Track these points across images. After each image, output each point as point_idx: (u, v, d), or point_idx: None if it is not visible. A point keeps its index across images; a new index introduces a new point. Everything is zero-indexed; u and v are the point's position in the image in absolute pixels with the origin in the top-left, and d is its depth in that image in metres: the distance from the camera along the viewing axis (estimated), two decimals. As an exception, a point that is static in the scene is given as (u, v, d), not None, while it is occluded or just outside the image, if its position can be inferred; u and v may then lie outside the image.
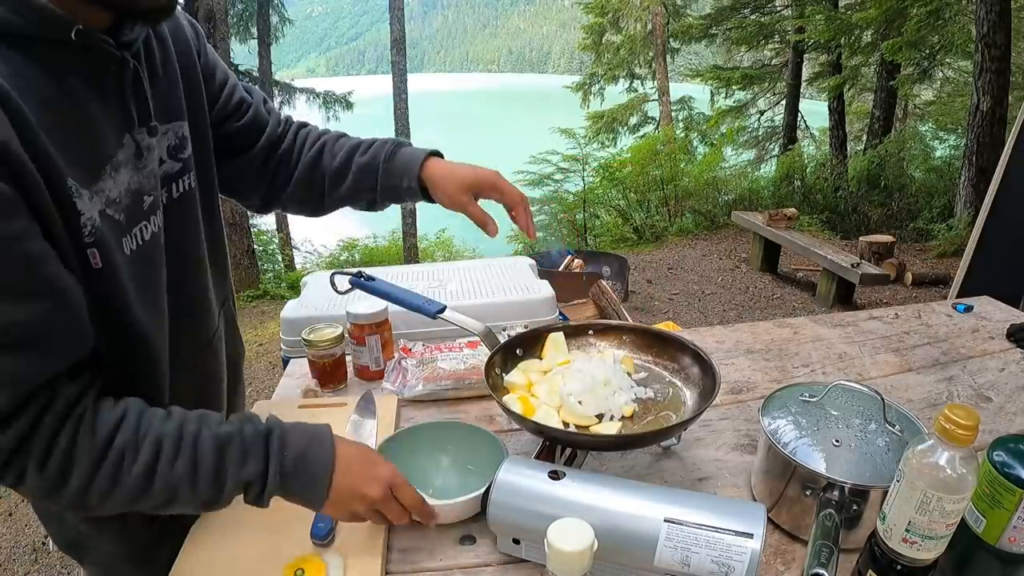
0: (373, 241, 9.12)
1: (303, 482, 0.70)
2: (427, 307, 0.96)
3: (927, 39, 7.43)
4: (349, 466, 0.72)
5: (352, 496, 0.72)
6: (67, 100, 0.61)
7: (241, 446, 0.67)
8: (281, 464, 0.68)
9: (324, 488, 0.70)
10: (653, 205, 8.47)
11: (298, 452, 0.70)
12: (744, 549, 0.64)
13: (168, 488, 0.64)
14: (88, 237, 0.62)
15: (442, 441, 0.94)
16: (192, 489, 0.65)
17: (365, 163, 0.97)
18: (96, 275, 0.64)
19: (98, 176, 0.65)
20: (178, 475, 0.64)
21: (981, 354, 1.30)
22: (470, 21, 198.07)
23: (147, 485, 0.63)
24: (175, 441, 0.65)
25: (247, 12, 9.82)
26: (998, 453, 0.64)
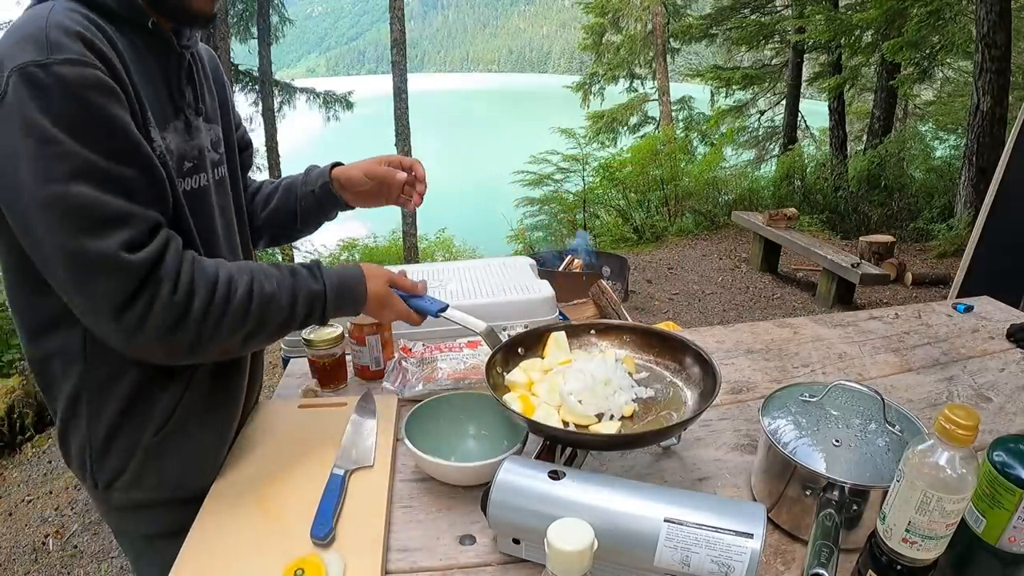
0: (373, 241, 9.11)
1: (348, 294, 0.91)
2: (430, 306, 0.99)
3: (927, 39, 7.43)
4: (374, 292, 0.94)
5: (380, 316, 0.98)
6: (143, 69, 0.79)
7: (305, 271, 0.88)
8: (331, 282, 0.90)
9: (361, 302, 0.93)
10: (653, 205, 8.47)
11: (339, 274, 0.92)
12: (744, 549, 0.64)
13: (263, 304, 0.81)
14: (159, 158, 0.78)
15: (467, 411, 1.02)
16: (278, 304, 0.83)
17: (289, 181, 1.16)
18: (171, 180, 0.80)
19: (163, 127, 0.82)
20: (268, 293, 0.82)
21: (981, 354, 1.30)
22: (470, 21, 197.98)
23: (248, 301, 0.79)
24: (262, 270, 0.84)
25: (247, 12, 9.82)
26: (998, 453, 0.64)
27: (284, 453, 0.97)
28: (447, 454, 0.94)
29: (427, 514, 0.87)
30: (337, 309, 0.90)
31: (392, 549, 0.81)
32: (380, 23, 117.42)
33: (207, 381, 0.91)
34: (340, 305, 0.91)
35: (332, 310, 0.90)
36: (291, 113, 10.72)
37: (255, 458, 0.96)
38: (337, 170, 1.12)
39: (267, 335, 0.84)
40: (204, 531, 0.82)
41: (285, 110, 10.53)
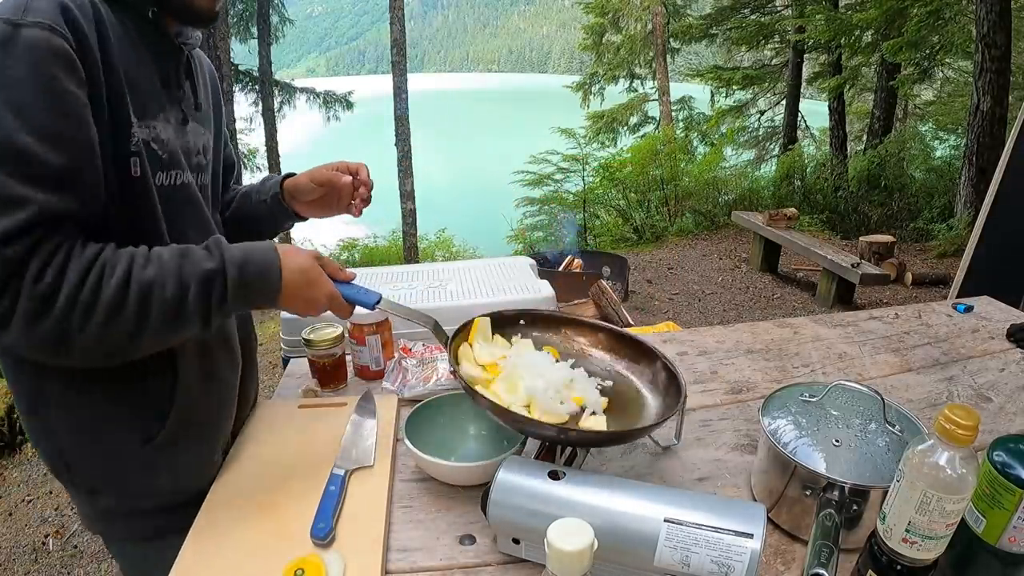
0: (373, 241, 9.11)
1: (256, 271, 0.77)
2: (363, 296, 0.87)
3: (927, 39, 7.43)
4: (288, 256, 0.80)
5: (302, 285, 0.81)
6: (136, 54, 0.77)
7: (199, 249, 0.76)
8: (232, 256, 0.76)
9: (277, 274, 0.78)
10: (653, 205, 8.47)
11: (244, 250, 0.78)
12: (744, 549, 0.64)
13: (141, 292, 0.69)
14: (134, 147, 0.75)
15: (467, 411, 1.01)
16: (162, 290, 0.70)
17: (247, 190, 1.12)
18: (131, 184, 0.76)
19: (152, 116, 0.79)
20: (149, 277, 0.70)
21: (981, 354, 1.30)
22: (470, 21, 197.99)
23: (124, 290, 0.69)
24: (145, 254, 0.72)
25: (247, 12, 9.82)
26: (998, 453, 0.64)
27: (284, 453, 0.97)
28: (447, 454, 0.94)
29: (427, 514, 0.87)
30: (243, 290, 0.75)
31: (392, 549, 0.81)
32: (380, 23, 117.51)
33: (197, 386, 0.88)
34: (247, 285, 0.76)
35: (237, 292, 0.75)
36: (291, 113, 10.72)
37: (255, 458, 0.96)
38: (288, 180, 1.07)
39: (159, 329, 0.71)
40: (204, 531, 0.82)
41: (285, 110, 10.53)
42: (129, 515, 0.89)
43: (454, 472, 0.89)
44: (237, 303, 0.76)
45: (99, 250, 0.70)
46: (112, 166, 0.73)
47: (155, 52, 0.81)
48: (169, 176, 0.82)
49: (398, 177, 7.21)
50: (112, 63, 0.72)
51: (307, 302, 0.82)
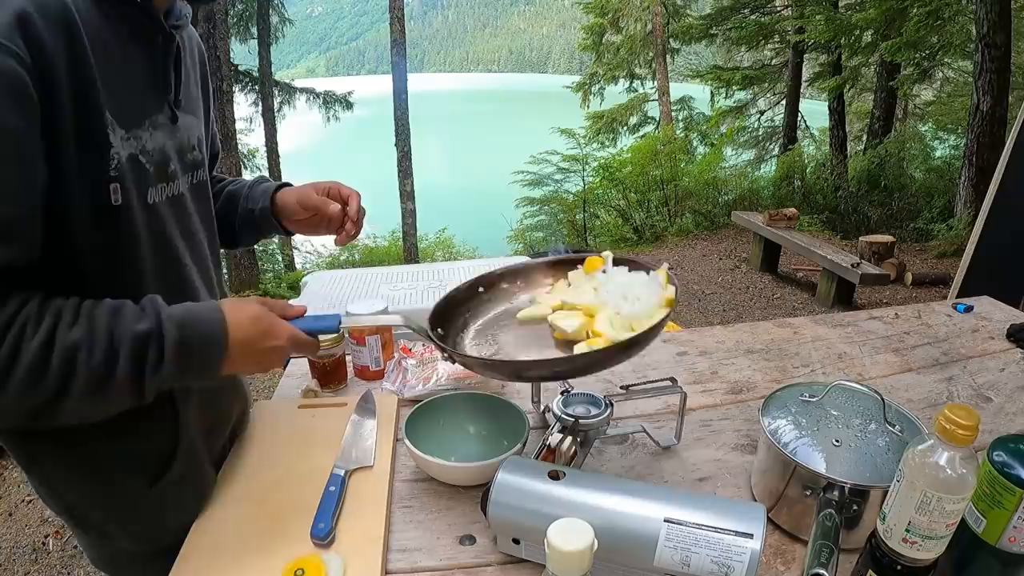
0: (373, 241, 9.12)
1: (199, 331, 0.67)
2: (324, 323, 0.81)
3: (926, 39, 7.43)
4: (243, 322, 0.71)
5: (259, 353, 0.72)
6: (121, 52, 0.68)
7: (133, 307, 0.66)
8: (171, 315, 0.66)
9: (222, 340, 0.68)
10: (653, 205, 8.48)
11: (184, 308, 0.69)
12: (744, 549, 0.64)
13: (66, 356, 0.60)
14: (113, 171, 0.66)
15: (467, 411, 1.01)
16: (89, 354, 0.61)
17: (233, 190, 1.05)
18: (111, 212, 0.67)
19: (138, 124, 0.71)
20: (75, 339, 0.61)
21: (981, 354, 1.30)
22: (470, 21, 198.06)
23: (47, 354, 0.60)
24: (73, 310, 0.63)
25: (247, 12, 9.82)
26: (998, 453, 0.64)
27: (284, 453, 0.97)
28: (447, 454, 0.94)
29: (427, 514, 0.87)
30: (185, 353, 0.65)
31: (392, 549, 0.81)
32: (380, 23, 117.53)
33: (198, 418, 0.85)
34: (188, 346, 0.66)
35: (178, 356, 0.65)
36: (291, 113, 10.73)
37: (255, 458, 0.96)
38: (279, 194, 1.01)
39: (85, 395, 0.62)
40: (204, 531, 0.82)
41: (285, 110, 10.53)
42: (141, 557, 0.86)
43: (454, 472, 0.89)
44: (176, 369, 0.65)
45: (20, 305, 0.60)
46: (85, 195, 0.64)
47: (143, 45, 0.72)
48: (161, 191, 0.75)
49: (398, 177, 7.22)
50: (87, 75, 0.62)
51: (266, 353, 0.73)
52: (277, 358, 0.75)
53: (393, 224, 8.45)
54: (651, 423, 1.04)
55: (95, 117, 0.64)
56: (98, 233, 0.66)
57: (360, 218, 0.99)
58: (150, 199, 0.72)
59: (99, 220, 0.66)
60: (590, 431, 0.89)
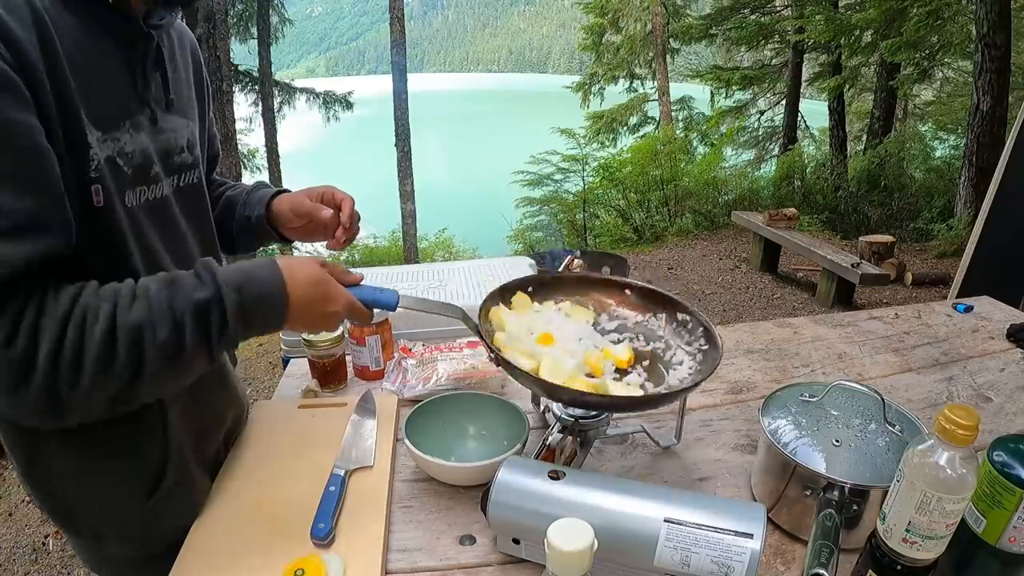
0: (373, 241, 9.12)
1: (257, 293, 0.67)
2: (383, 296, 0.80)
3: (927, 39, 7.44)
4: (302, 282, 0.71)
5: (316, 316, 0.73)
6: (95, 51, 0.66)
7: (190, 277, 0.67)
8: (228, 279, 0.66)
9: (282, 297, 0.69)
10: (653, 205, 8.48)
11: (241, 270, 0.69)
12: (744, 549, 0.64)
13: (131, 337, 0.60)
14: (94, 172, 0.65)
15: (467, 411, 1.01)
16: (153, 331, 0.61)
17: (231, 196, 1.03)
18: (96, 213, 0.66)
19: (115, 126, 0.69)
20: (136, 319, 0.61)
21: (981, 354, 1.30)
22: (470, 21, 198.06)
23: (111, 339, 0.60)
24: (130, 291, 0.63)
25: (247, 12, 9.82)
26: (998, 453, 0.64)
27: (284, 453, 0.97)
28: (447, 454, 0.94)
29: (427, 514, 0.87)
30: (246, 316, 0.67)
31: (392, 549, 0.81)
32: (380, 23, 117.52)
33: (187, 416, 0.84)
34: (249, 310, 0.67)
35: (239, 320, 0.66)
36: (291, 113, 10.74)
37: (255, 458, 0.96)
38: (276, 201, 1.00)
39: (159, 372, 0.63)
40: (204, 531, 0.82)
41: (285, 110, 10.54)
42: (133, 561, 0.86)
43: (454, 472, 0.89)
44: (240, 332, 0.67)
45: (75, 296, 0.61)
46: (73, 195, 0.63)
47: (120, 42, 0.70)
48: (139, 194, 0.72)
49: (398, 177, 7.22)
50: (61, 75, 0.61)
51: (322, 317, 0.74)
52: (332, 322, 0.76)
53: (393, 224, 8.46)
54: (651, 423, 1.04)
55: (73, 117, 0.62)
56: (88, 234, 0.65)
57: (354, 223, 0.97)
58: (127, 202, 0.70)
59: (86, 221, 0.65)
60: (590, 431, 0.89)
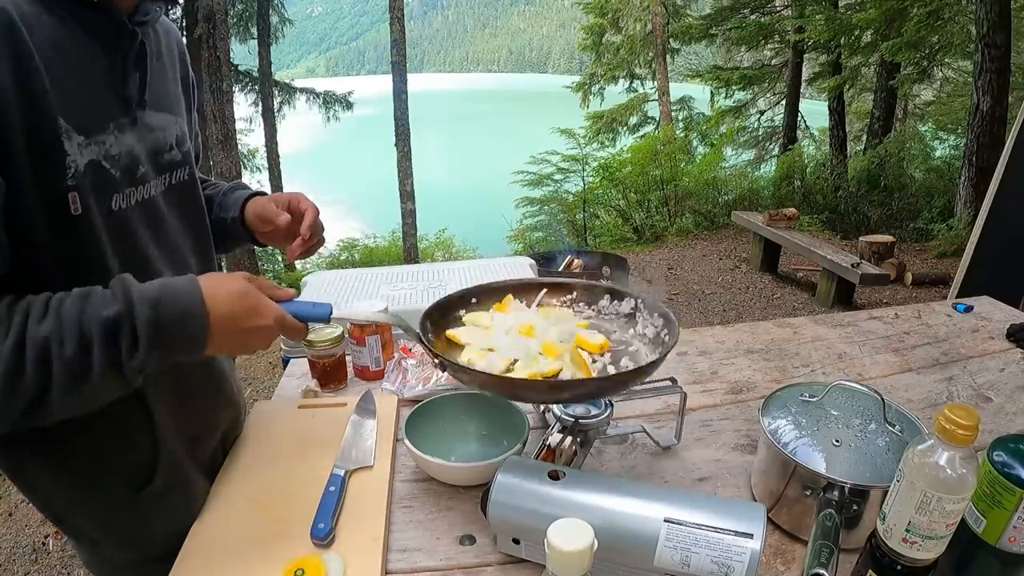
0: (373, 241, 9.12)
1: (173, 307, 0.63)
2: (313, 309, 0.77)
3: (927, 39, 7.44)
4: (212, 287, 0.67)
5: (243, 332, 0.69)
6: (76, 52, 0.65)
7: (102, 293, 0.63)
8: (143, 295, 0.63)
9: (200, 313, 0.65)
10: (653, 205, 8.48)
11: (159, 284, 0.65)
12: (744, 549, 0.64)
13: (38, 351, 0.58)
14: (70, 180, 0.63)
15: (467, 411, 1.01)
16: (60, 346, 0.59)
17: (207, 195, 1.00)
18: (72, 222, 0.65)
19: (100, 129, 0.67)
20: (44, 334, 0.58)
21: (981, 354, 1.30)
22: (470, 21, 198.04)
23: (20, 355, 0.58)
24: (42, 304, 0.61)
25: (247, 12, 9.82)
26: (998, 453, 0.64)
27: (284, 453, 0.97)
28: (447, 454, 0.94)
29: (427, 514, 0.87)
30: (162, 332, 0.62)
31: (392, 549, 0.81)
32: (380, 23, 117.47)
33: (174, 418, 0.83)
34: (165, 325, 0.62)
35: (154, 337, 0.62)
36: (291, 113, 10.74)
37: (255, 458, 0.96)
38: (250, 204, 0.98)
39: (66, 390, 0.59)
40: (204, 531, 0.82)
41: (285, 110, 10.54)
42: (133, 564, 0.86)
43: (454, 472, 0.89)
44: (156, 351, 0.62)
45: None
46: (42, 206, 0.62)
47: (104, 41, 0.68)
48: (128, 196, 0.72)
49: (398, 177, 7.22)
50: (35, 86, 0.59)
51: (251, 332, 0.69)
52: (262, 339, 0.71)
53: (393, 224, 8.45)
54: (651, 423, 1.04)
55: (47, 126, 0.60)
56: (59, 244, 0.63)
57: (316, 234, 0.94)
58: (115, 205, 0.69)
59: (59, 231, 0.63)
60: (590, 431, 0.89)
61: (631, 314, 0.97)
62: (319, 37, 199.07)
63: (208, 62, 6.65)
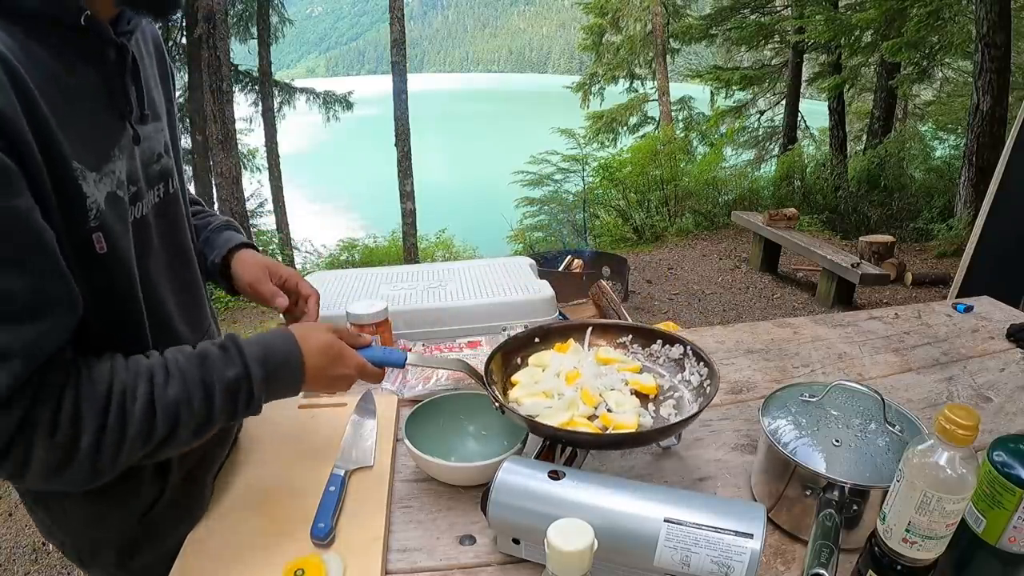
0: (373, 241, 9.12)
1: (277, 364, 0.73)
2: (391, 356, 0.86)
3: (927, 39, 7.44)
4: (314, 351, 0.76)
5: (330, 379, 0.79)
6: (73, 81, 0.62)
7: (218, 353, 0.70)
8: (253, 355, 0.71)
9: (299, 369, 0.74)
10: (653, 205, 8.48)
11: (262, 344, 0.73)
12: (744, 549, 0.64)
13: (168, 414, 0.64)
14: (93, 222, 0.63)
15: (467, 411, 1.01)
16: (189, 407, 0.66)
17: (197, 224, 0.99)
18: (100, 260, 0.65)
19: (108, 158, 0.66)
20: (174, 397, 0.65)
21: (981, 354, 1.30)
22: (470, 21, 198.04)
23: (151, 417, 0.63)
24: (163, 368, 0.66)
25: (247, 12, 9.82)
26: (998, 453, 0.64)
27: (284, 453, 0.97)
28: (447, 454, 0.94)
29: (427, 514, 0.87)
30: (270, 386, 0.72)
31: (392, 549, 0.81)
32: (380, 23, 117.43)
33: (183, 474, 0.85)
34: (272, 380, 0.72)
35: (264, 393, 0.72)
36: (291, 113, 10.73)
37: (255, 458, 0.96)
38: (237, 257, 0.97)
39: (187, 440, 0.68)
40: (204, 531, 0.82)
41: (285, 110, 10.53)
42: None
43: (454, 472, 0.89)
44: (264, 399, 0.73)
45: (109, 375, 0.63)
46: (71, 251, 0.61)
47: (95, 62, 0.66)
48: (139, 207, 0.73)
49: (398, 177, 7.21)
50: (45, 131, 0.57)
51: (335, 380, 0.79)
52: (344, 384, 0.81)
53: (393, 224, 8.45)
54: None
55: (64, 171, 0.59)
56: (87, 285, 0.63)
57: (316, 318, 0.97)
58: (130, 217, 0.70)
59: (91, 268, 0.64)
60: (590, 431, 0.89)
61: (680, 359, 1.00)
62: (319, 37, 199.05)
63: (208, 62, 6.65)
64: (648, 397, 0.94)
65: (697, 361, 0.96)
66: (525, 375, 0.99)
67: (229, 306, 6.51)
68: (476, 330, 1.52)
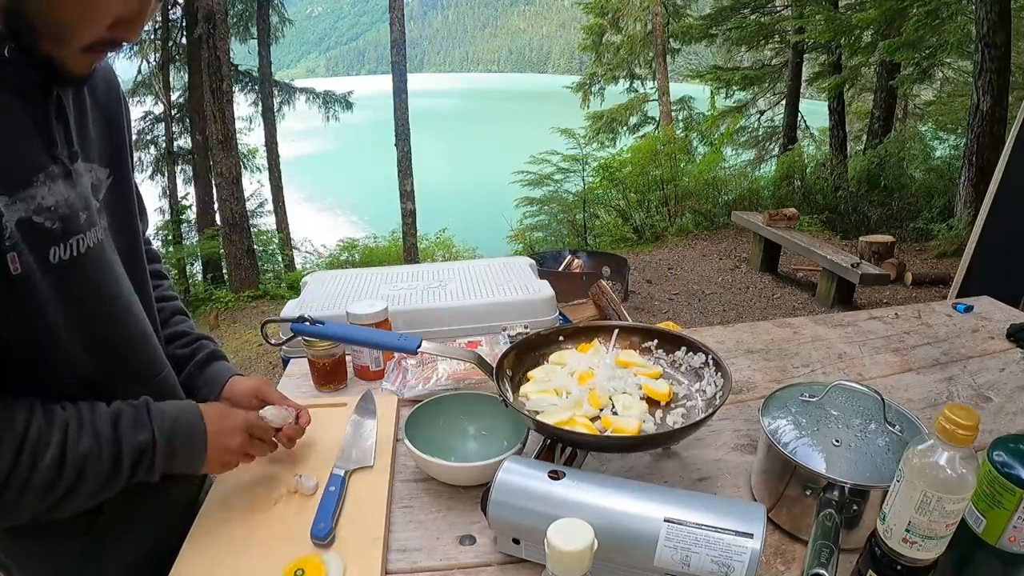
0: (373, 241, 9.12)
1: (183, 441, 0.77)
2: (404, 344, 0.89)
3: (926, 39, 7.43)
4: (212, 421, 0.81)
5: (223, 450, 0.81)
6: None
7: (131, 417, 0.74)
8: (161, 427, 0.75)
9: (202, 445, 0.79)
10: (653, 205, 8.48)
11: (173, 417, 0.77)
12: (744, 549, 0.64)
13: (76, 466, 0.68)
14: (8, 240, 0.62)
15: (467, 411, 1.02)
16: (97, 462, 0.69)
17: (179, 355, 0.98)
18: (13, 281, 0.64)
19: (27, 184, 0.64)
20: (84, 451, 0.68)
21: (981, 354, 1.30)
22: (470, 21, 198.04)
23: (61, 466, 0.67)
24: (78, 421, 0.70)
25: (247, 12, 9.82)
26: (998, 453, 0.64)
27: (284, 453, 0.97)
28: (447, 454, 0.94)
29: (427, 514, 0.87)
30: (170, 461, 0.76)
31: (392, 549, 0.81)
32: (380, 23, 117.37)
33: None
34: (173, 455, 0.76)
35: (163, 462, 0.75)
36: (291, 113, 10.72)
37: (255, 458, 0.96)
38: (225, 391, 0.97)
39: (90, 495, 0.70)
40: (204, 531, 0.82)
41: (285, 110, 10.53)
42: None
43: (454, 472, 0.89)
44: (164, 467, 0.76)
45: (27, 420, 0.66)
46: None
47: (19, 94, 0.65)
48: (69, 248, 0.69)
49: (398, 177, 7.21)
50: None
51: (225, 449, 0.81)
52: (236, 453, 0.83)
53: (393, 224, 8.45)
54: (651, 423, 1.03)
55: None
56: (5, 304, 0.63)
57: None
58: (53, 258, 0.67)
59: (5, 289, 0.63)
60: (590, 431, 0.89)
61: (700, 369, 0.98)
62: (319, 37, 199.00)
63: (208, 62, 6.65)
64: (659, 403, 0.93)
65: (716, 371, 0.95)
66: (541, 371, 0.99)
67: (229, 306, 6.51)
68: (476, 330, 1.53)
